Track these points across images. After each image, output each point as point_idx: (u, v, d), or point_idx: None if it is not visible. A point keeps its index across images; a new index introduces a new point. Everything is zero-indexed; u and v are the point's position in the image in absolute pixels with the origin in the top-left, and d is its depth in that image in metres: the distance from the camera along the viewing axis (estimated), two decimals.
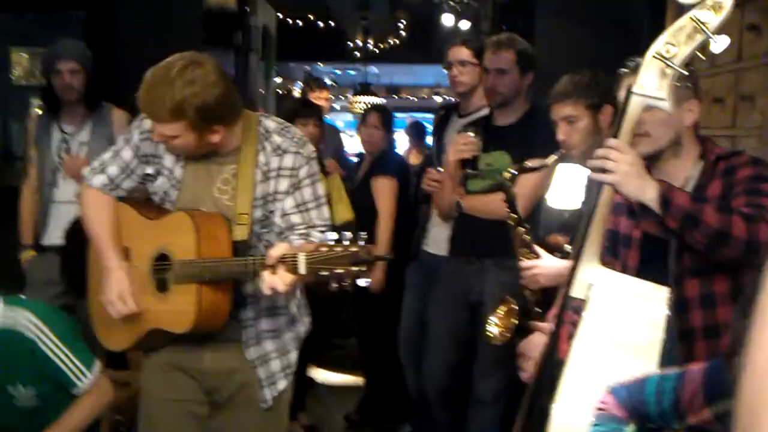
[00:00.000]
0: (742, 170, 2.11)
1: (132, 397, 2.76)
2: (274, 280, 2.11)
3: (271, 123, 2.48)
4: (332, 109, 14.30)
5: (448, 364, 3.73)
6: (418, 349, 3.97)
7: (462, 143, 3.42)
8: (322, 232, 2.38)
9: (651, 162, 2.23)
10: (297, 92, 9.67)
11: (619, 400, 1.68)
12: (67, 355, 2.67)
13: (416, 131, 9.14)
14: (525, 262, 2.85)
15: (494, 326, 2.82)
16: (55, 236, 3.90)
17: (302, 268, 2.06)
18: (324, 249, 2.03)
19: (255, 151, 2.41)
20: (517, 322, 2.80)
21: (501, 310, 2.86)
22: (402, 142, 12.53)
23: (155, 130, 2.33)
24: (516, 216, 2.93)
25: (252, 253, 2.36)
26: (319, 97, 5.89)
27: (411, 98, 16.28)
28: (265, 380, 2.52)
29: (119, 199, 2.55)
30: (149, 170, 2.48)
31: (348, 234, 2.05)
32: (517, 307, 2.83)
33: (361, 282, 2.13)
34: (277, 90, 10.38)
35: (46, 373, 2.67)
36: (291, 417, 4.49)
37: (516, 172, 2.88)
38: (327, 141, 5.66)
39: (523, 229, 2.94)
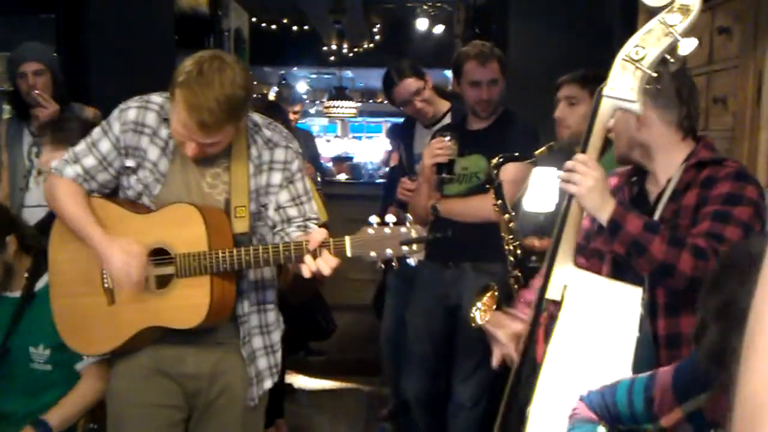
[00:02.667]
0: (720, 185, 2.09)
1: (104, 404, 2.72)
2: (320, 264, 2.13)
3: (257, 117, 2.47)
4: (307, 114, 14.32)
5: (426, 368, 3.73)
6: (400, 353, 3.98)
7: (437, 147, 3.42)
8: (316, 224, 2.42)
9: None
10: (272, 96, 9.64)
11: (589, 405, 1.69)
12: None
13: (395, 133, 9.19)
14: None
15: (478, 311, 2.83)
16: None
17: (349, 251, 2.12)
18: (371, 231, 2.09)
19: (246, 145, 2.40)
20: (495, 307, 2.80)
21: (485, 297, 2.87)
22: (382, 146, 12.54)
23: (197, 142, 2.23)
24: (502, 202, 2.97)
25: (246, 247, 2.33)
26: (291, 110, 6.01)
27: (386, 102, 16.26)
28: (254, 377, 2.51)
29: (93, 195, 2.47)
30: (129, 163, 2.40)
31: (392, 216, 2.11)
32: (497, 294, 2.84)
33: (411, 260, 2.16)
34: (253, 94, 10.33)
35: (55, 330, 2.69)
36: (269, 423, 4.51)
37: (502, 160, 2.94)
38: (302, 146, 5.70)
39: (508, 216, 2.97)
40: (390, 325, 4.22)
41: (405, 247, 2.10)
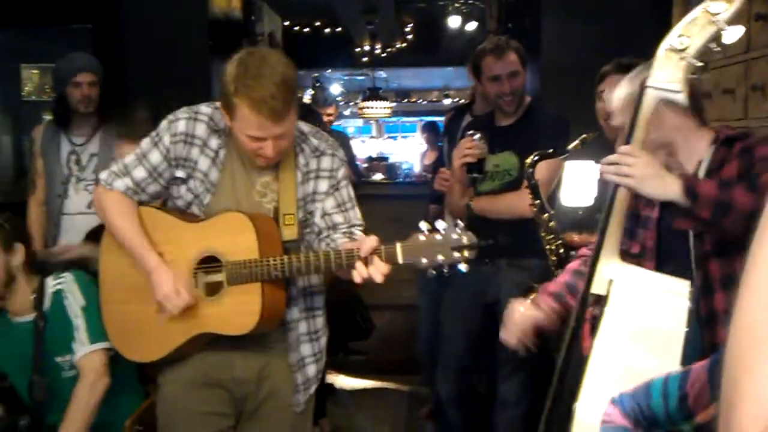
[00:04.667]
0: (760, 149, 2.04)
1: (151, 407, 2.75)
2: (372, 272, 2.14)
3: (304, 126, 2.49)
4: (342, 116, 14.34)
5: (460, 366, 3.72)
6: (436, 352, 3.97)
7: (467, 147, 3.40)
8: (360, 230, 2.44)
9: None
10: (307, 99, 9.68)
11: (623, 410, 1.65)
12: (81, 318, 2.78)
13: (431, 130, 9.22)
14: None
15: None
16: None
17: (401, 258, 2.12)
18: (422, 237, 2.10)
19: (294, 154, 2.43)
20: None
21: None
22: (417, 146, 12.51)
23: (273, 139, 2.25)
24: (540, 202, 2.94)
25: (296, 254, 2.35)
26: (325, 113, 6.08)
27: (421, 101, 16.27)
28: (301, 385, 2.53)
29: (143, 204, 2.50)
30: (180, 173, 2.43)
31: (443, 223, 2.11)
32: None
33: (462, 267, 2.14)
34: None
35: (68, 334, 2.77)
36: (313, 423, 4.51)
37: (537, 158, 2.91)
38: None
39: (547, 215, 2.95)
40: (426, 324, 4.22)
41: (457, 254, 2.09)
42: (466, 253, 2.10)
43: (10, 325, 2.89)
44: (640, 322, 1.87)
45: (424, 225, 2.11)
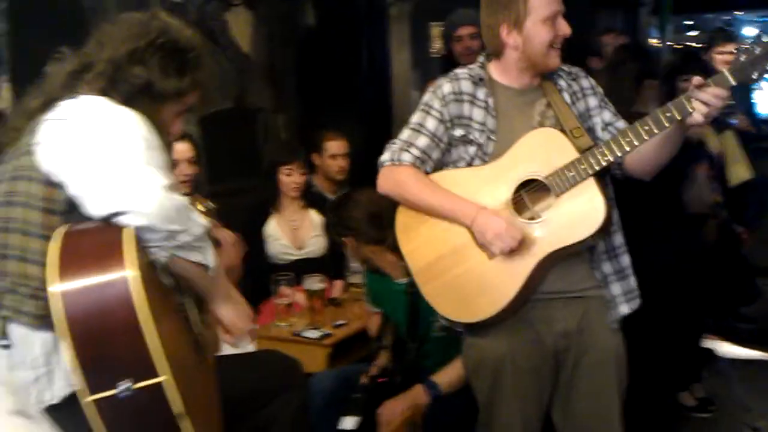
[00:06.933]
0: None
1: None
2: (709, 98, 2.18)
3: None
4: None
5: None
6: None
7: None
8: None
9: None
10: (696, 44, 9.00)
11: None
12: None
13: None
14: None
15: None
16: None
17: (731, 79, 2.17)
18: (741, 56, 2.17)
19: (553, 81, 2.54)
20: None
21: None
22: None
23: (562, 14, 2.46)
24: None
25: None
26: (722, 52, 5.57)
27: None
28: (608, 302, 2.55)
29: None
30: (458, 132, 2.52)
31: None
32: None
33: None
34: (691, 44, 9.83)
35: None
36: (684, 387, 4.39)
37: None
38: (736, 97, 5.35)
39: None
40: None
41: None
42: None
43: (392, 285, 3.20)
44: None
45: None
